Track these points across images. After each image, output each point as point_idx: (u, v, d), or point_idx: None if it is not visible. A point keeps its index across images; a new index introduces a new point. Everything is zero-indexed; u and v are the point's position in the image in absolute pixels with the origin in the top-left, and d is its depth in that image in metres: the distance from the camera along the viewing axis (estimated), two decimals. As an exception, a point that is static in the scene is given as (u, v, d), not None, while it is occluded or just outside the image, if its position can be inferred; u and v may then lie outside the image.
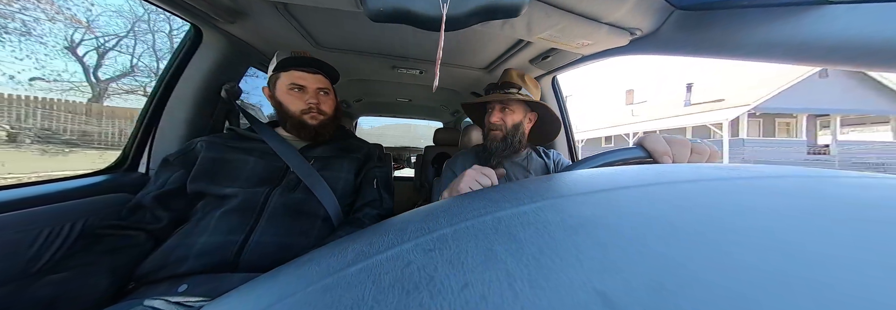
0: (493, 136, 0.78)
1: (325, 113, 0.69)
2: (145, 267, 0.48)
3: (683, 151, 0.34)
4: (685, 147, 0.34)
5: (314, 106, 0.66)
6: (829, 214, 0.13)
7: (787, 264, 0.10)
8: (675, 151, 0.34)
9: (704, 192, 0.16)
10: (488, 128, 0.79)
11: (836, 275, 0.09)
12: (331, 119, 0.71)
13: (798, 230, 0.12)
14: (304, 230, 0.58)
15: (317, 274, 0.16)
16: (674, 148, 0.34)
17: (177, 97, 0.80)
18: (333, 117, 0.72)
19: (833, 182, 0.16)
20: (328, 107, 0.70)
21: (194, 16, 0.70)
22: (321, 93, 0.69)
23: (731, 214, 0.13)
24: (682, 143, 0.35)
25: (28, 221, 0.52)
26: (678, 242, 0.11)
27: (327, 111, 0.70)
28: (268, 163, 0.63)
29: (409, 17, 0.43)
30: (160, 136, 0.79)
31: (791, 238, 0.11)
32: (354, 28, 0.85)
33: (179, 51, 0.79)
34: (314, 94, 0.67)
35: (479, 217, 0.16)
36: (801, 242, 0.11)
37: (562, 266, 0.11)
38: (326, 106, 0.70)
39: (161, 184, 0.58)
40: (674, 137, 0.36)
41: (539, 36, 0.68)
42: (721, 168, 0.20)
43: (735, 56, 0.53)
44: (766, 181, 0.17)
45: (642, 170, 0.21)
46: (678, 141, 0.35)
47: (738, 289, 0.09)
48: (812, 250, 0.10)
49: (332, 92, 0.72)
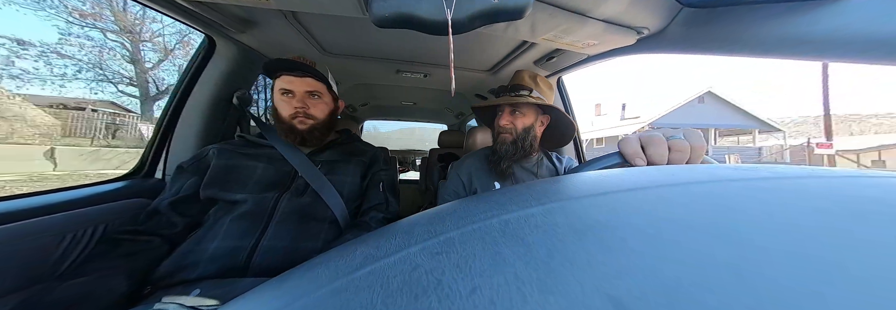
0: (503, 139, 0.77)
1: (313, 117, 0.66)
2: (160, 271, 0.49)
3: (659, 151, 0.32)
4: (660, 146, 0.32)
5: (301, 110, 0.64)
6: (855, 217, 0.12)
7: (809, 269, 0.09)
8: (650, 152, 0.32)
9: (722, 193, 0.15)
10: (498, 131, 0.78)
11: (862, 281, 0.09)
12: (322, 123, 0.68)
13: (821, 234, 0.11)
14: (313, 234, 0.58)
15: (326, 277, 0.16)
16: (648, 149, 0.33)
17: (191, 105, 0.83)
18: (325, 122, 0.69)
19: (858, 182, 0.15)
20: (318, 111, 0.67)
21: (208, 26, 0.72)
22: (311, 97, 0.66)
23: (750, 216, 0.12)
24: (658, 142, 0.32)
25: (55, 225, 0.55)
26: (694, 246, 0.11)
27: (317, 115, 0.67)
28: (276, 168, 0.64)
29: (413, 23, 0.44)
30: (176, 143, 0.82)
31: (814, 242, 0.11)
32: (359, 34, 0.87)
33: (194, 60, 0.82)
34: (302, 98, 0.65)
35: (486, 220, 0.16)
36: (824, 246, 0.10)
37: (572, 271, 0.11)
38: (316, 110, 0.67)
39: (176, 190, 0.60)
40: (652, 136, 0.33)
41: (543, 37, 0.68)
42: (739, 169, 0.19)
43: (747, 53, 0.51)
44: (788, 182, 0.16)
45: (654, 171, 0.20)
46: (654, 141, 0.32)
47: (758, 296, 0.09)
48: (836, 255, 0.10)
49: (326, 95, 0.69)
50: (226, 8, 0.67)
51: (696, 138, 0.33)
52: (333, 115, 0.72)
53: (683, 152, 0.32)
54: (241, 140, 0.71)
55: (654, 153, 0.33)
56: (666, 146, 0.33)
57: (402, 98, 1.80)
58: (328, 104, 0.70)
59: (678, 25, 0.59)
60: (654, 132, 0.34)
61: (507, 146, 0.76)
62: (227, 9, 0.67)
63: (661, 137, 0.33)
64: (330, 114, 0.71)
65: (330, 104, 0.71)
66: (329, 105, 0.70)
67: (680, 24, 0.59)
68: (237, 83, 0.89)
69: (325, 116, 0.69)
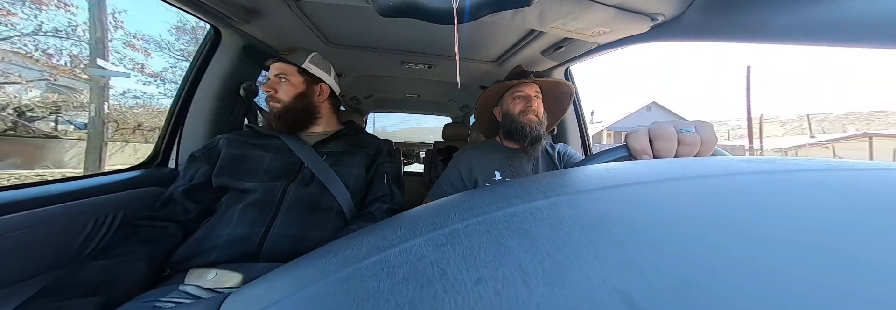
0: (530, 120, 0.75)
1: (278, 99, 0.67)
2: (178, 255, 0.51)
3: (668, 146, 0.31)
4: (669, 141, 0.31)
5: (269, 93, 0.67)
6: (874, 210, 0.11)
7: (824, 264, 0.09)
8: (658, 147, 0.32)
9: (736, 187, 0.15)
10: (522, 113, 0.77)
11: (883, 276, 0.09)
12: (289, 106, 0.67)
13: (838, 228, 0.11)
14: (320, 224, 0.60)
15: (334, 266, 0.16)
16: (656, 143, 0.32)
17: (200, 96, 0.84)
18: (295, 104, 0.68)
19: (878, 176, 0.15)
20: (284, 93, 0.67)
21: (212, 16, 0.72)
22: (280, 80, 0.68)
23: (764, 211, 0.12)
24: (668, 136, 0.31)
25: (78, 211, 0.58)
26: (707, 241, 0.11)
27: (281, 98, 0.67)
28: (283, 159, 0.66)
29: (417, 11, 0.42)
30: (187, 133, 0.84)
31: (830, 237, 0.10)
32: (363, 24, 0.85)
33: (201, 52, 0.83)
34: (272, 83, 0.67)
35: (491, 213, 0.16)
36: (841, 240, 0.10)
37: (579, 264, 0.11)
38: (282, 92, 0.67)
39: (189, 178, 0.62)
40: (661, 129, 0.32)
41: (552, 25, 0.66)
42: (753, 161, 0.18)
43: (769, 40, 0.49)
44: (804, 175, 0.15)
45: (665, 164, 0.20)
46: (664, 135, 0.32)
47: (773, 293, 0.08)
48: (854, 250, 0.10)
49: (294, 77, 0.68)
50: None
51: (706, 131, 0.32)
52: (303, 97, 0.70)
53: (693, 146, 0.31)
54: (250, 130, 0.72)
55: (662, 148, 0.32)
56: (675, 140, 0.32)
57: (407, 90, 1.78)
58: (295, 86, 0.69)
59: (695, 12, 0.56)
60: (664, 125, 0.33)
61: (538, 127, 0.76)
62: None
63: (672, 131, 0.32)
64: (297, 96, 0.69)
65: (298, 86, 0.69)
66: (297, 87, 0.69)
67: (697, 10, 0.56)
68: (243, 75, 0.89)
69: (289, 98, 0.68)
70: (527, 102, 0.77)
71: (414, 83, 1.58)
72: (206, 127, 0.86)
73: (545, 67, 1.09)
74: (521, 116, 0.77)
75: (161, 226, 0.54)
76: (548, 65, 1.06)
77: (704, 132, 0.32)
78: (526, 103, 0.77)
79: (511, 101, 0.79)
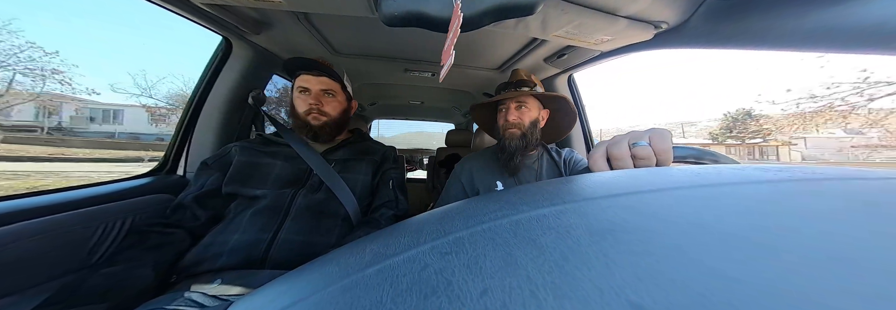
0: (511, 134, 0.76)
1: (326, 114, 0.70)
2: (185, 262, 0.52)
3: (624, 164, 0.32)
4: (624, 159, 0.31)
5: (315, 107, 0.68)
6: (890, 220, 0.11)
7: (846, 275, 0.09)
8: (614, 166, 0.32)
9: (752, 196, 0.14)
10: (504, 127, 0.77)
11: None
12: (334, 121, 0.71)
13: (859, 239, 0.10)
14: (327, 229, 0.60)
15: (337, 274, 0.16)
16: (613, 163, 0.32)
17: (210, 105, 0.86)
18: (338, 119, 0.72)
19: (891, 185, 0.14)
20: (332, 109, 0.71)
21: (225, 29, 0.75)
22: (325, 95, 0.71)
23: (783, 221, 0.12)
24: (621, 155, 0.31)
25: (88, 218, 0.59)
26: (722, 250, 0.10)
27: (330, 112, 0.70)
28: (293, 166, 0.67)
29: (422, 21, 0.44)
30: (195, 141, 0.86)
31: (853, 248, 0.10)
32: (369, 33, 0.87)
33: (212, 62, 0.85)
34: (317, 95, 0.69)
35: (496, 220, 0.16)
36: (862, 252, 0.10)
37: (589, 275, 0.10)
38: (330, 107, 0.70)
39: (200, 185, 0.63)
40: (615, 148, 0.32)
41: (555, 34, 0.66)
42: (769, 170, 0.18)
43: (772, 47, 0.48)
44: (825, 184, 0.15)
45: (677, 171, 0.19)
46: (617, 155, 0.32)
47: (793, 305, 0.08)
48: (878, 262, 0.09)
49: (340, 95, 0.73)
50: (241, 10, 0.69)
51: (660, 141, 0.31)
52: (346, 113, 0.76)
53: (647, 160, 0.31)
54: (261, 139, 0.74)
55: (617, 167, 0.32)
56: (629, 159, 0.32)
57: (410, 97, 1.80)
58: (341, 103, 0.74)
59: (699, 19, 0.56)
60: (619, 141, 0.33)
61: (517, 141, 0.75)
62: (242, 11, 0.69)
63: (625, 150, 0.32)
64: (342, 112, 0.74)
65: (343, 103, 0.74)
66: (342, 104, 0.74)
67: (701, 18, 0.56)
68: (252, 84, 0.92)
69: (337, 114, 0.72)
70: (505, 114, 0.76)
71: (417, 90, 1.60)
72: (215, 135, 0.87)
73: (548, 75, 1.10)
74: (502, 129, 0.77)
75: (170, 232, 0.55)
76: (551, 72, 1.07)
77: (658, 143, 0.31)
78: (505, 116, 0.77)
79: (498, 113, 0.80)
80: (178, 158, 0.85)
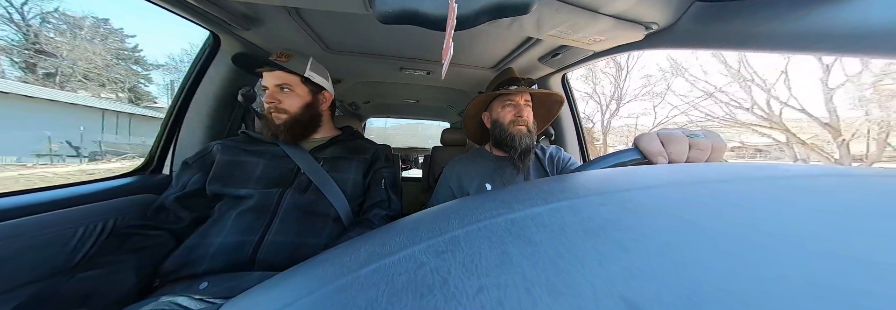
0: (520, 131, 0.73)
1: (284, 111, 0.65)
2: (168, 265, 0.50)
3: (680, 149, 0.32)
4: (681, 143, 0.32)
5: (272, 105, 0.64)
6: (888, 217, 0.11)
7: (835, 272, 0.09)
8: (671, 150, 0.32)
9: (742, 192, 0.14)
10: (515, 123, 0.75)
11: (891, 284, 0.08)
12: (295, 117, 0.66)
13: (849, 235, 0.11)
14: (317, 230, 0.59)
15: (331, 274, 0.16)
16: (669, 146, 0.32)
17: (197, 102, 0.83)
18: (301, 115, 0.67)
19: (890, 182, 0.14)
20: (289, 104, 0.65)
21: (212, 23, 0.72)
22: (281, 90, 0.65)
23: (772, 216, 0.12)
24: (679, 140, 0.32)
25: (67, 219, 0.56)
26: (713, 247, 0.11)
27: (288, 109, 0.65)
28: (278, 165, 0.65)
29: (417, 18, 0.43)
30: (182, 139, 0.83)
31: (842, 244, 0.10)
32: (363, 30, 0.86)
33: (199, 58, 0.83)
34: (273, 92, 0.65)
35: (491, 219, 0.15)
36: (853, 248, 0.10)
37: (582, 271, 0.10)
38: (287, 103, 0.65)
39: (181, 186, 0.60)
40: (671, 133, 0.33)
41: (549, 33, 0.67)
42: (760, 167, 0.18)
43: (761, 49, 0.50)
44: (815, 181, 0.15)
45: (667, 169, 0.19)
46: (675, 138, 0.32)
47: (783, 301, 0.08)
48: (864, 258, 0.09)
49: (299, 87, 0.66)
50: (231, 5, 0.67)
51: (716, 138, 0.32)
52: (311, 107, 0.69)
53: (704, 151, 0.31)
54: (245, 136, 0.72)
55: (674, 151, 0.32)
56: (687, 144, 0.32)
57: (405, 96, 1.79)
58: (301, 96, 0.67)
59: (689, 20, 0.58)
60: (673, 130, 0.33)
61: (528, 139, 0.73)
62: (232, 6, 0.67)
63: (682, 135, 0.32)
64: (304, 107, 0.68)
65: (305, 97, 0.68)
66: (303, 97, 0.68)
67: (691, 19, 0.57)
68: (242, 81, 0.89)
69: (297, 110, 0.67)
70: (517, 111, 0.75)
71: (412, 89, 1.60)
72: (203, 133, 0.85)
73: (542, 74, 1.11)
74: (510, 125, 0.75)
75: (153, 234, 0.53)
76: (544, 71, 1.08)
77: (714, 139, 0.32)
78: (516, 112, 0.75)
79: (500, 108, 0.78)
80: (163, 157, 0.82)
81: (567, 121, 1.17)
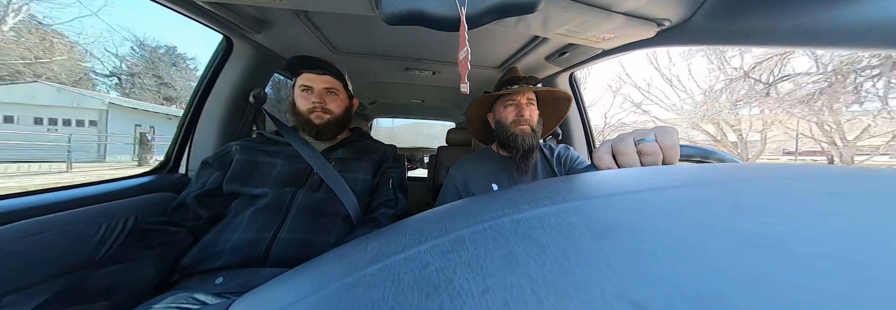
0: (523, 131, 0.73)
1: (330, 112, 0.71)
2: (186, 260, 0.52)
3: (630, 160, 0.31)
4: (630, 154, 0.31)
5: (318, 105, 0.69)
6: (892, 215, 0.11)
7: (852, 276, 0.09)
8: (621, 162, 0.32)
9: (751, 193, 0.14)
10: (517, 123, 0.75)
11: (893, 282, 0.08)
12: (337, 119, 0.72)
13: (861, 237, 0.10)
14: (327, 228, 0.60)
15: (339, 272, 0.16)
16: (619, 159, 0.32)
17: (211, 104, 0.86)
18: (341, 117, 0.73)
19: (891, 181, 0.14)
20: (335, 107, 0.72)
21: (226, 27, 0.75)
22: (328, 93, 0.71)
23: (786, 219, 0.12)
24: (627, 151, 0.31)
25: (90, 216, 0.59)
26: (723, 249, 0.10)
27: (333, 110, 0.71)
28: (293, 165, 0.67)
29: (423, 19, 0.43)
30: (197, 140, 0.86)
31: (858, 247, 0.10)
32: (369, 32, 0.87)
33: (213, 61, 0.85)
34: (320, 93, 0.70)
35: (497, 219, 0.15)
36: (865, 251, 0.10)
37: (590, 273, 0.10)
38: (333, 105, 0.71)
39: (201, 184, 0.63)
40: (621, 143, 0.32)
41: (556, 32, 0.66)
42: (770, 167, 0.17)
43: (775, 44, 0.48)
44: (823, 181, 0.15)
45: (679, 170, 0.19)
46: (622, 150, 0.31)
47: (794, 304, 0.08)
48: (882, 260, 0.09)
49: (342, 93, 0.74)
50: (242, 9, 0.69)
51: (665, 137, 0.31)
52: (348, 111, 0.77)
53: (654, 155, 0.31)
54: (261, 137, 0.74)
55: (624, 162, 0.31)
56: (635, 154, 0.31)
57: (411, 96, 1.80)
58: (344, 101, 0.75)
59: (703, 16, 0.56)
60: (624, 138, 0.32)
61: (531, 138, 0.73)
62: (243, 9, 0.69)
63: (630, 145, 0.32)
64: (345, 110, 0.75)
65: (345, 101, 0.75)
66: (345, 102, 0.75)
67: (705, 15, 0.56)
68: (253, 82, 0.92)
69: (340, 112, 0.73)
70: (519, 110, 0.74)
71: (418, 89, 1.60)
72: (217, 134, 0.88)
73: (549, 73, 1.09)
74: (513, 125, 0.75)
75: (172, 231, 0.55)
76: (552, 70, 1.06)
77: (664, 139, 0.31)
78: (518, 112, 0.74)
79: (503, 108, 0.77)
80: (179, 157, 0.85)
81: (575, 120, 1.15)
